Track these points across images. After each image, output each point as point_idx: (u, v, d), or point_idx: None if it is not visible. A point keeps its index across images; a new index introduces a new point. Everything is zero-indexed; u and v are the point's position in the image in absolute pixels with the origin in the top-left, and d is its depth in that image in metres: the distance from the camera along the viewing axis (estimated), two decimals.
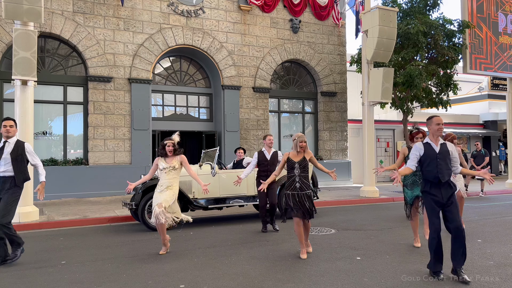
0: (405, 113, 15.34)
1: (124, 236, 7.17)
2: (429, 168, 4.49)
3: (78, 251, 6.01)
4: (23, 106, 8.33)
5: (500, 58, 15.49)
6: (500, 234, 6.82)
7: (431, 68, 14.32)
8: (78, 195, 12.18)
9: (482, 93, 23.12)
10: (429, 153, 4.53)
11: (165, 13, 13.70)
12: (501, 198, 12.48)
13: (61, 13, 12.36)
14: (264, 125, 15.16)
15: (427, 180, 4.53)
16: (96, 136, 12.67)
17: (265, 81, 15.23)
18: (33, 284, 4.45)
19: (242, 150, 9.39)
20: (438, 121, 4.60)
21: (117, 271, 4.90)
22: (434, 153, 4.52)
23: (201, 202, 8.07)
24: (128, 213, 8.87)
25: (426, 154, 4.54)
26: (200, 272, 4.79)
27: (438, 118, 4.63)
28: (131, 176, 12.51)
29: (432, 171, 4.46)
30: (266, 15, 15.31)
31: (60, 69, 12.72)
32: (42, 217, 8.67)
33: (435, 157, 4.49)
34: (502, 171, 22.81)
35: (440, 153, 4.52)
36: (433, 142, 4.58)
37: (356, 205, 11.03)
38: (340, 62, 16.74)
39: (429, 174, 4.49)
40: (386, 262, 5.12)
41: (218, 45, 14.41)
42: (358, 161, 16.94)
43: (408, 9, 15.01)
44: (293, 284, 4.31)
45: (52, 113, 12.64)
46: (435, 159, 4.48)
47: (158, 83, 14.28)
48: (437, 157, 4.49)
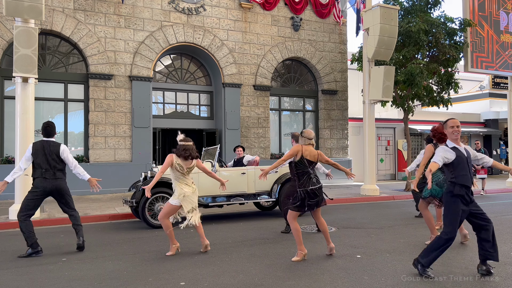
0: (406, 112, 15.31)
1: (124, 233, 7.18)
2: (463, 172, 4.39)
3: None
4: (23, 104, 8.32)
5: (501, 57, 15.46)
6: (501, 232, 6.81)
7: (432, 67, 14.28)
8: (79, 193, 12.19)
9: (483, 92, 23.08)
10: (461, 157, 4.43)
11: (166, 11, 13.68)
12: (502, 196, 12.47)
13: (62, 10, 12.34)
14: (264, 123, 15.15)
15: (460, 184, 4.38)
16: (96, 134, 12.68)
17: (266, 79, 15.22)
18: (33, 281, 4.46)
19: (241, 148, 9.40)
20: (452, 123, 4.49)
21: (118, 269, 4.91)
22: (464, 157, 4.45)
23: (202, 200, 8.07)
24: (128, 210, 8.88)
25: (458, 158, 4.41)
26: (200, 270, 4.79)
27: (453, 121, 4.50)
28: (132, 174, 12.54)
29: (466, 175, 4.39)
30: (267, 12, 15.29)
31: (61, 66, 12.72)
32: (42, 214, 8.68)
33: (467, 161, 4.44)
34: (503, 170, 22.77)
35: (468, 157, 4.49)
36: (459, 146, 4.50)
37: (357, 203, 11.04)
38: (341, 60, 16.72)
39: (463, 178, 4.38)
40: (386, 260, 5.12)
41: (219, 43, 14.39)
42: (358, 159, 16.93)
43: (409, 7, 14.95)
44: (293, 281, 4.32)
45: (53, 111, 12.65)
46: (466, 163, 4.42)
47: (159, 80, 14.27)
48: (467, 161, 4.44)
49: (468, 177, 4.41)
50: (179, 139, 5.68)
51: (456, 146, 4.47)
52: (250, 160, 9.04)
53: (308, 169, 5.21)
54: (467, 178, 4.39)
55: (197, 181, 8.08)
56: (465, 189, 4.38)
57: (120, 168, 12.76)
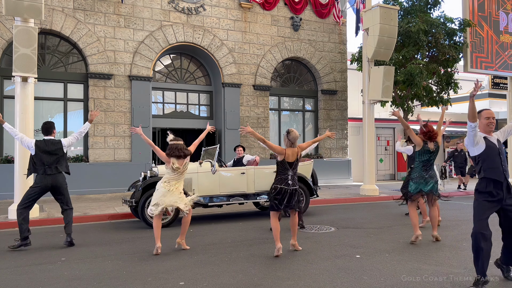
0: (406, 112, 15.32)
1: (124, 233, 7.18)
2: (494, 165, 4.08)
3: (77, 248, 6.01)
4: (23, 103, 8.31)
5: (501, 57, 15.47)
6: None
7: (432, 67, 14.30)
8: (78, 192, 12.19)
9: (482, 92, 23.08)
10: (491, 148, 4.13)
11: (165, 10, 13.68)
12: None
13: (61, 10, 12.34)
14: (264, 123, 15.15)
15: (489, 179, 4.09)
16: (96, 133, 12.67)
17: (266, 79, 15.22)
18: (32, 281, 4.46)
19: (242, 147, 9.40)
20: (487, 114, 4.20)
21: (117, 268, 4.91)
22: (496, 148, 4.14)
23: (201, 200, 8.07)
24: (128, 210, 8.87)
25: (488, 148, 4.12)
26: (199, 270, 4.79)
27: (488, 112, 4.22)
28: (131, 173, 12.53)
29: (499, 168, 4.08)
30: (266, 12, 15.29)
31: (60, 66, 12.71)
32: (42, 214, 8.68)
33: (498, 153, 4.12)
34: None
35: (500, 148, 4.16)
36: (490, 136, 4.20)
37: (356, 203, 11.04)
38: (340, 60, 16.72)
39: (493, 171, 4.08)
40: (386, 260, 5.12)
41: (219, 43, 14.39)
42: (358, 159, 16.94)
43: (409, 7, 14.97)
44: (293, 281, 4.32)
45: (53, 110, 12.65)
46: (497, 155, 4.11)
47: (158, 80, 14.27)
48: (499, 153, 4.12)
49: (500, 171, 4.08)
50: (169, 140, 5.83)
51: (487, 136, 4.19)
52: (250, 160, 9.03)
53: (288, 170, 5.49)
54: (499, 171, 4.07)
55: (197, 181, 8.09)
56: (496, 184, 4.08)
57: (119, 167, 12.76)
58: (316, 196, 8.99)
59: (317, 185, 9.31)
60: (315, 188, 9.06)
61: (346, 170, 16.46)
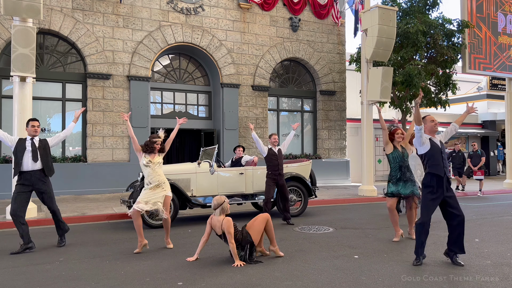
0: (404, 113, 15.35)
1: (122, 233, 7.17)
2: (436, 162, 4.86)
3: (76, 248, 6.01)
4: (21, 103, 8.30)
5: (499, 58, 15.51)
6: (498, 233, 6.84)
7: (430, 68, 14.33)
8: (77, 192, 12.18)
9: (481, 93, 23.14)
10: (435, 147, 4.92)
11: (164, 11, 13.68)
12: (499, 198, 12.50)
13: (60, 10, 12.32)
14: (263, 124, 15.15)
15: (433, 174, 4.85)
16: (94, 133, 12.65)
17: (264, 79, 15.22)
18: (30, 281, 4.45)
19: (242, 148, 9.40)
20: (431, 118, 5.09)
21: (115, 268, 4.90)
22: (439, 148, 4.92)
23: (200, 200, 8.07)
24: (126, 210, 8.84)
25: (433, 148, 4.90)
26: (198, 270, 4.79)
27: (431, 116, 5.13)
28: (130, 173, 12.53)
29: (440, 164, 4.86)
30: (265, 13, 15.29)
31: (59, 66, 12.69)
32: (40, 214, 8.66)
33: (440, 152, 4.90)
34: (500, 171, 22.86)
35: (442, 148, 4.97)
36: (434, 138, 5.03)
37: (354, 204, 11.04)
38: (339, 61, 16.74)
39: (436, 168, 4.85)
40: (384, 260, 5.13)
41: (218, 43, 14.39)
42: (356, 160, 16.96)
43: (407, 8, 15.01)
44: (291, 282, 4.32)
45: (51, 110, 12.62)
46: (440, 154, 4.89)
47: (157, 80, 14.26)
48: (441, 152, 4.91)
49: (441, 167, 4.87)
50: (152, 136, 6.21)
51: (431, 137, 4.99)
52: (248, 160, 9.04)
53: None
54: (440, 168, 4.86)
55: (195, 182, 8.09)
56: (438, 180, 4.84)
57: (118, 168, 12.74)
58: (314, 196, 9.00)
59: (316, 186, 9.32)
60: (314, 188, 9.07)
61: (345, 171, 16.47)
